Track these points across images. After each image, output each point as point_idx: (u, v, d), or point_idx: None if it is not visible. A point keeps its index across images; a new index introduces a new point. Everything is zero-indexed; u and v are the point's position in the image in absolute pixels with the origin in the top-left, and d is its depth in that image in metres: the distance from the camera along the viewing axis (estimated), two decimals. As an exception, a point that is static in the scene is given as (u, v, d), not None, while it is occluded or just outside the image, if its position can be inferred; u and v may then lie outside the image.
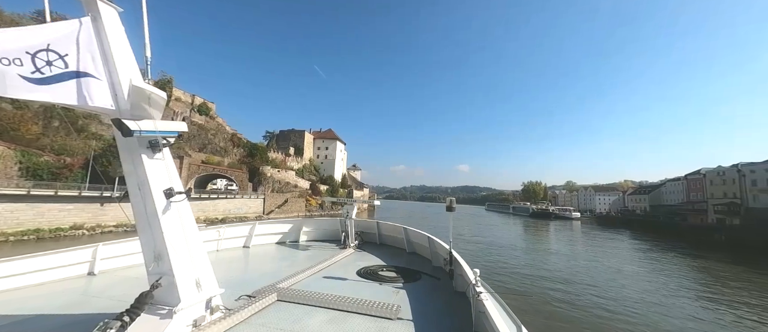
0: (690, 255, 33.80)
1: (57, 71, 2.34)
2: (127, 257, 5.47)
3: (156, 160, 2.93)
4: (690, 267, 28.03)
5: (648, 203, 79.94)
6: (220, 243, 7.34)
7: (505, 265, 24.50)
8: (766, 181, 45.84)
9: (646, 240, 47.03)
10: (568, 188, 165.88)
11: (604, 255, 31.56)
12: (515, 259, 27.77)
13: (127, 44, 2.85)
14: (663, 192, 76.21)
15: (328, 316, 3.59)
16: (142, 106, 2.78)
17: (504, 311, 2.98)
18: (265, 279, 4.89)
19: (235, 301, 3.87)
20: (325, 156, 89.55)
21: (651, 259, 31.02)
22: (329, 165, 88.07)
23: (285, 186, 64.13)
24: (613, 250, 35.57)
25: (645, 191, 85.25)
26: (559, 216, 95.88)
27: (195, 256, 3.06)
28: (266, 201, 53.92)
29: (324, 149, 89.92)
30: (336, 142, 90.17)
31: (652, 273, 24.50)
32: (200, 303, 3.04)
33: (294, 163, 76.98)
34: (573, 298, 16.65)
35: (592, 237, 48.31)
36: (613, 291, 18.52)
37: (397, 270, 5.71)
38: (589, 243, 41.55)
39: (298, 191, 66.55)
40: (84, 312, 3.53)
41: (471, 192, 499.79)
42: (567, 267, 25.39)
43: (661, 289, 19.74)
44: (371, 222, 9.17)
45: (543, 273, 22.39)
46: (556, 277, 21.15)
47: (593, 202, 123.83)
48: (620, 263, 28.22)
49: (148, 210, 2.85)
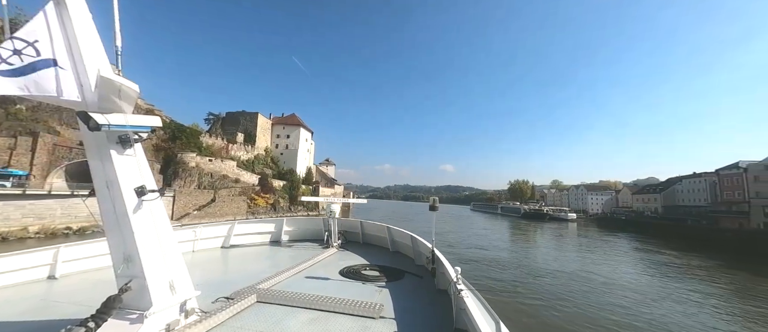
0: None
1: (24, 61, 2.19)
2: (92, 259, 5.16)
3: (126, 156, 2.74)
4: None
5: (661, 203, 69.98)
6: (196, 243, 7.04)
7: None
8: None
9: (678, 249, 36.47)
10: (557, 187, 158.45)
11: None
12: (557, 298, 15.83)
13: (94, 32, 2.62)
14: (678, 191, 66.36)
15: (310, 317, 3.51)
16: (112, 99, 2.59)
17: (484, 308, 3.00)
18: (244, 280, 4.65)
19: (212, 304, 3.69)
20: (285, 145, 73.64)
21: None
22: (290, 156, 72.28)
23: (221, 181, 48.17)
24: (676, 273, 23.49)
25: (655, 189, 75.46)
26: (554, 217, 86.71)
27: (169, 257, 2.91)
28: (177, 200, 37.64)
29: (284, 137, 73.94)
30: (299, 129, 74.40)
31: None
32: (174, 306, 2.88)
33: (241, 152, 60.83)
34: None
35: (611, 246, 36.91)
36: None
37: (381, 270, 5.60)
38: (622, 257, 29.76)
39: (241, 187, 50.75)
40: (45, 319, 3.33)
41: (455, 192, 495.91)
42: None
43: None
44: (355, 221, 8.88)
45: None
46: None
47: (585, 202, 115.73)
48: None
49: (117, 210, 2.68)
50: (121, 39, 2.70)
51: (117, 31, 2.68)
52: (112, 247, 2.75)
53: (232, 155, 57.03)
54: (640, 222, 64.78)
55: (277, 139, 73.79)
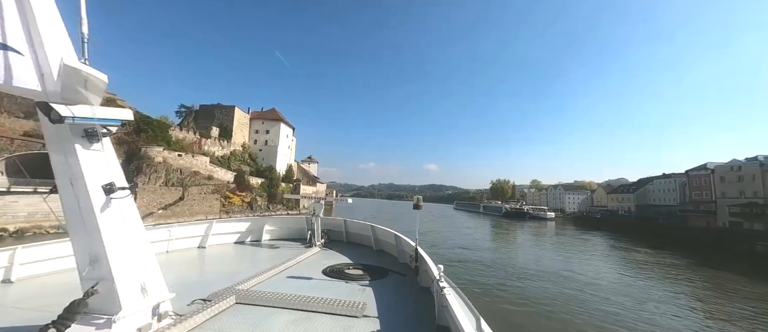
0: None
1: None
2: (53, 261, 4.86)
3: (93, 151, 2.59)
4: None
5: (634, 202, 72.66)
6: (170, 243, 6.79)
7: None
8: (803, 177, 37.33)
9: (651, 247, 37.84)
10: (536, 186, 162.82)
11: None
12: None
13: (57, 16, 2.46)
14: (650, 191, 69.08)
15: (292, 317, 3.45)
16: (77, 89, 2.44)
17: (465, 305, 2.99)
18: (222, 281, 4.53)
19: (188, 306, 3.56)
20: (265, 141, 70.43)
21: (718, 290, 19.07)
22: (270, 153, 69.20)
23: (192, 178, 44.95)
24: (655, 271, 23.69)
25: (629, 189, 78.32)
26: (534, 216, 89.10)
27: (140, 258, 2.79)
28: (139, 197, 34.37)
29: (263, 133, 70.66)
30: (279, 125, 71.34)
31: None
32: (146, 309, 2.75)
33: (216, 148, 57.41)
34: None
35: (588, 244, 37.56)
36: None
37: (364, 268, 5.57)
38: (608, 258, 30.05)
39: (214, 184, 47.68)
40: (0, 326, 3.16)
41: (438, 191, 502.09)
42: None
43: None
44: (339, 220, 8.74)
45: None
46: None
47: (563, 201, 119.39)
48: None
49: (82, 208, 2.53)
50: (87, 26, 2.54)
51: (83, 17, 2.52)
52: (76, 248, 2.61)
53: (206, 150, 53.59)
54: (614, 221, 66.85)
55: (256, 135, 70.41)
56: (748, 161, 45.39)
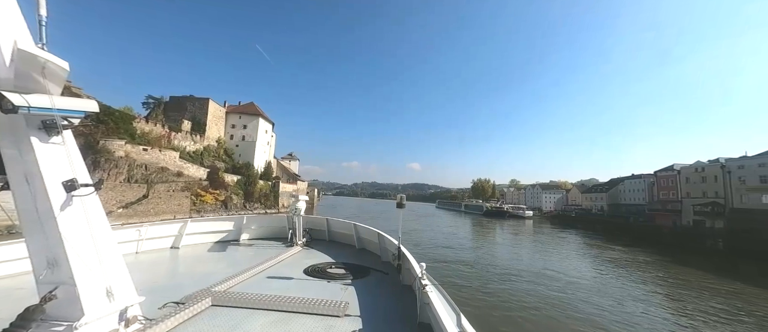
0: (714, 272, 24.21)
1: None
2: (4, 264, 4.44)
3: (52, 144, 2.41)
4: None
5: (606, 201, 75.80)
6: (140, 244, 6.49)
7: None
8: (758, 178, 39.88)
9: (624, 245, 39.44)
10: (515, 186, 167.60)
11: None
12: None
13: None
14: (621, 190, 72.26)
15: (272, 318, 3.36)
16: (33, 77, 2.28)
17: (446, 302, 2.99)
18: (197, 282, 4.37)
19: (159, 310, 3.39)
20: (242, 137, 67.22)
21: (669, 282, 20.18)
22: (247, 148, 66.12)
23: (159, 174, 41.80)
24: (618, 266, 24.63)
25: (602, 189, 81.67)
26: (513, 214, 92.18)
27: (106, 260, 2.61)
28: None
29: (241, 128, 67.41)
30: (258, 119, 68.35)
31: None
32: (111, 314, 2.59)
33: (188, 143, 53.98)
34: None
35: (565, 242, 38.61)
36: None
37: (346, 267, 5.54)
38: (582, 255, 30.86)
39: (184, 181, 44.67)
40: None
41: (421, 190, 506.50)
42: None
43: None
44: (321, 218, 8.71)
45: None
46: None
47: (540, 200, 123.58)
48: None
49: (39, 207, 2.36)
50: (45, 7, 2.35)
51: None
52: (32, 250, 2.46)
53: (176, 145, 50.20)
54: (588, 219, 69.67)
55: (232, 130, 67.03)
56: (710, 163, 48.18)
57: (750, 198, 40.60)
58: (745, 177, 41.51)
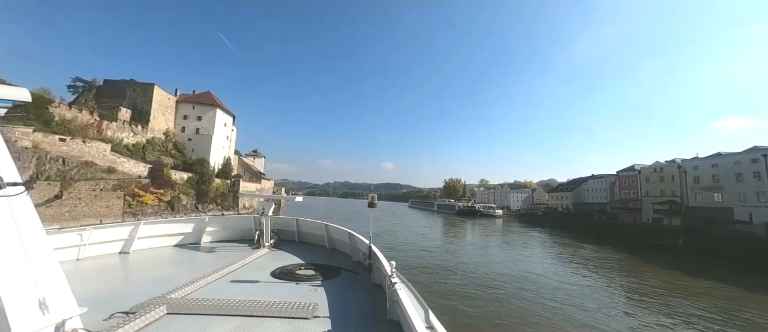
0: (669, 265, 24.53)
1: None
2: None
3: None
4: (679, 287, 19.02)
5: (571, 200, 78.70)
6: (82, 249, 5.91)
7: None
8: (712, 178, 42.17)
9: (591, 243, 40.61)
10: (485, 186, 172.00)
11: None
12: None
13: None
14: (585, 190, 75.32)
15: (236, 324, 3.18)
16: None
17: (415, 299, 3.02)
18: (150, 289, 4.06)
19: (105, 321, 3.10)
20: (195, 129, 60.02)
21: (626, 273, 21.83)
22: (202, 143, 59.12)
23: (83, 169, 34.77)
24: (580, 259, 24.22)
25: (567, 188, 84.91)
26: (484, 213, 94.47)
27: (38, 268, 2.39)
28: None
29: (194, 119, 60.14)
30: (215, 110, 61.46)
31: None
32: (45, 329, 2.39)
33: (125, 134, 46.49)
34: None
35: (533, 240, 38.74)
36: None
37: (316, 268, 5.43)
38: (549, 251, 30.38)
39: (117, 178, 37.82)
40: None
41: (393, 190, 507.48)
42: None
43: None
44: (290, 219, 8.50)
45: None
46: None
47: (508, 199, 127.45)
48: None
49: None
50: None
51: None
52: None
53: (109, 136, 42.80)
54: (554, 217, 71.97)
55: (185, 121, 59.55)
56: (668, 163, 50.82)
57: (703, 197, 42.92)
58: (700, 176, 43.90)
